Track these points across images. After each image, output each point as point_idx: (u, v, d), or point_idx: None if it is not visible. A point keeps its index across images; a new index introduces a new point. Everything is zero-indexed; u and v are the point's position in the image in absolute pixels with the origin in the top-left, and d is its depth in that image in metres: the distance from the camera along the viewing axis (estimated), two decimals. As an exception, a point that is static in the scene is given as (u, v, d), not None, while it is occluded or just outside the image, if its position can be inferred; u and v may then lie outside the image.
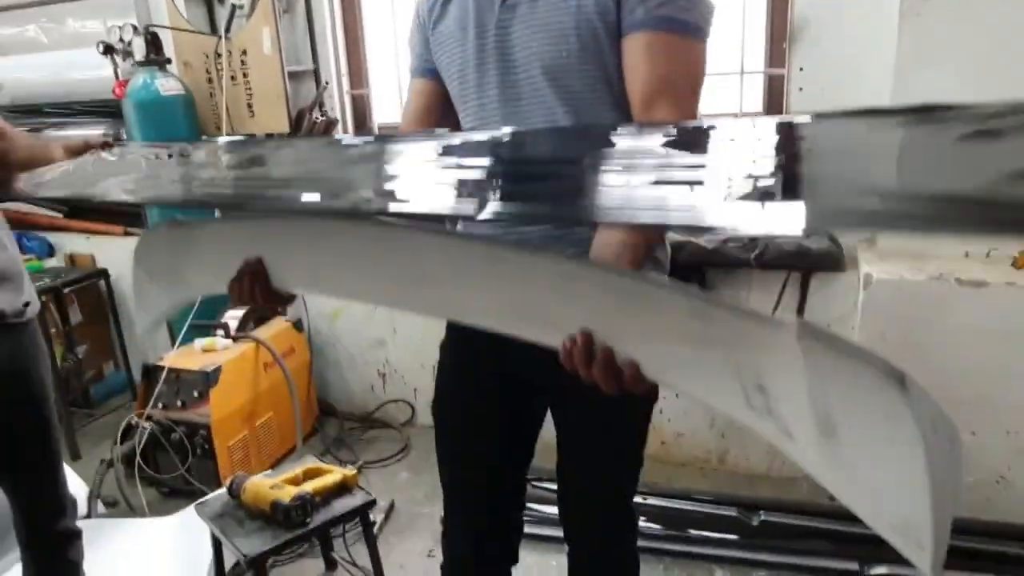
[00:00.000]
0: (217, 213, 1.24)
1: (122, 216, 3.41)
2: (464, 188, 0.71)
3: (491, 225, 1.15)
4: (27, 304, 1.53)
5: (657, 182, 0.62)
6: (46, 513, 1.64)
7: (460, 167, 0.76)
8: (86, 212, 3.56)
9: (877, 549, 2.07)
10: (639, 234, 0.96)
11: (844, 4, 2.27)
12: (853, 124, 0.60)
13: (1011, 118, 0.50)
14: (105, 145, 1.33)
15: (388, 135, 1.28)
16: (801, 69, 2.37)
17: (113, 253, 3.44)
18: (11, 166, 1.43)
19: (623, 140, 0.71)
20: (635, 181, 0.64)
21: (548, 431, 1.41)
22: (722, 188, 0.59)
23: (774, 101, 2.50)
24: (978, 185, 0.48)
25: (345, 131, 3.04)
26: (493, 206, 0.67)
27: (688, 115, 1.02)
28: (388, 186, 0.79)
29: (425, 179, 0.79)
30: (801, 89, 2.39)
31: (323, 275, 1.00)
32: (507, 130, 0.79)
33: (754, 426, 0.71)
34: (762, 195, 0.56)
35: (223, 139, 2.54)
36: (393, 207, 0.74)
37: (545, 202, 0.72)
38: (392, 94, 3.06)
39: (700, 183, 0.61)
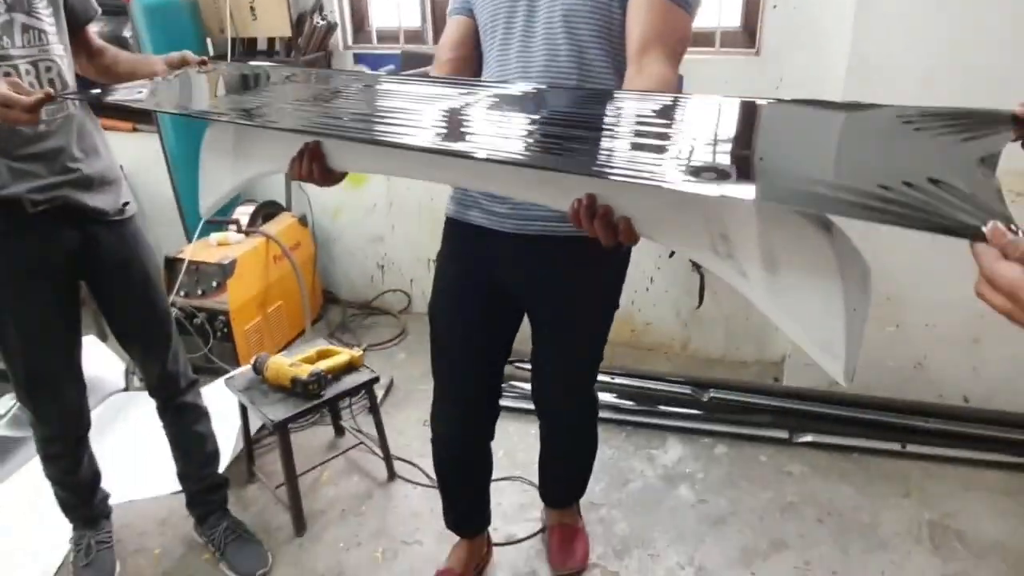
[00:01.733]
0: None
1: (131, 113, 3.56)
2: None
3: None
4: (126, 204, 1.74)
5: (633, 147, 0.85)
6: (169, 387, 1.93)
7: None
8: (95, 109, 3.69)
9: (804, 421, 2.43)
10: None
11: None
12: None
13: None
14: (201, 63, 1.55)
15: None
16: (774, -13, 2.50)
17: (119, 147, 3.59)
18: (119, 76, 1.70)
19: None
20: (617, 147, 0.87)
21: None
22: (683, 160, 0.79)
23: (749, 20, 2.64)
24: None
25: (344, 35, 3.16)
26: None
27: (673, 66, 1.24)
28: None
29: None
30: (775, 7, 2.52)
31: (369, 157, 1.13)
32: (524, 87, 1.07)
33: (717, 269, 0.86)
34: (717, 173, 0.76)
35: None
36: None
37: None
38: (388, 1, 3.16)
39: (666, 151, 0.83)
